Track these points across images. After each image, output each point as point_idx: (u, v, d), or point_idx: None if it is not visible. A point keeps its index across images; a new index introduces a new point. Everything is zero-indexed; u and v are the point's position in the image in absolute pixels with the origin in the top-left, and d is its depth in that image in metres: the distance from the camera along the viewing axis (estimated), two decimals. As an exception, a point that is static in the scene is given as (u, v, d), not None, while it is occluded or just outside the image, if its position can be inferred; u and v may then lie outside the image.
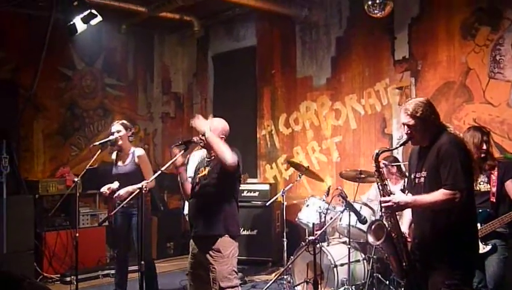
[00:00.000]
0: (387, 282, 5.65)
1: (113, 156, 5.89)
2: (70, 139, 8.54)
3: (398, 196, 3.41)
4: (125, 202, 4.77)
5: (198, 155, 6.09)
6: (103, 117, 8.93)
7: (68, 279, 6.74)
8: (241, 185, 4.51)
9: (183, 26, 9.20)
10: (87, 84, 8.79)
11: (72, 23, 5.92)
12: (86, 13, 5.81)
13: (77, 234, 5.43)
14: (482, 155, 4.41)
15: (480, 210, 4.24)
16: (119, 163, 5.80)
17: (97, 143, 5.80)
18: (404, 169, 6.18)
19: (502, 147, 5.81)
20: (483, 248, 4.28)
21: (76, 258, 5.45)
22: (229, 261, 4.19)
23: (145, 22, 8.60)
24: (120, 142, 5.72)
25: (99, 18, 5.89)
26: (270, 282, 3.79)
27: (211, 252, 4.13)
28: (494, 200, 4.41)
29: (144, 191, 4.16)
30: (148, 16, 8.12)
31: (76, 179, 5.63)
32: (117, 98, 9.21)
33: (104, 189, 5.63)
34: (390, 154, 6.09)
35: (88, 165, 5.72)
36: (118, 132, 5.73)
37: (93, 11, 5.83)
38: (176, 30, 9.75)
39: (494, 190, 4.41)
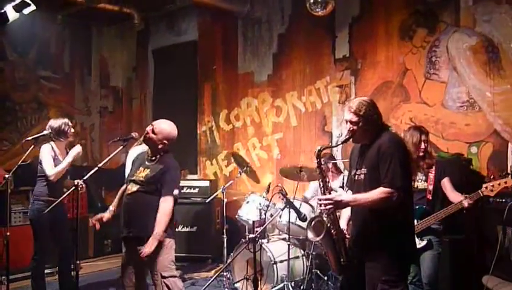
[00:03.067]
0: (326, 278, 5.73)
1: (49, 147, 5.48)
2: (2, 133, 8.19)
3: (339, 194, 3.44)
4: (62, 197, 4.62)
5: (137, 151, 5.93)
6: (37, 111, 8.62)
7: (-2, 279, 6.45)
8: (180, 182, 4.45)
9: (123, 18, 9.00)
10: (20, 76, 8.45)
11: (3, 11, 5.65)
12: (18, 1, 5.56)
13: (8, 233, 5.20)
14: (421, 154, 4.54)
15: (417, 207, 4.36)
16: (60, 157, 5.57)
17: (30, 138, 5.56)
18: (342, 166, 6.29)
19: (436, 146, 5.98)
20: (418, 243, 4.39)
21: (7, 257, 5.21)
22: (169, 252, 4.20)
23: (83, 12, 8.34)
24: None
25: (32, 7, 5.65)
26: (211, 279, 3.74)
27: None
28: (431, 198, 4.55)
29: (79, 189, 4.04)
30: (86, 6, 7.86)
31: (7, 175, 5.39)
32: (52, 91, 8.91)
33: None
34: (327, 152, 6.16)
35: (20, 161, 5.48)
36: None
37: (27, -1, 5.59)
38: (115, 22, 9.53)
39: (430, 187, 4.54)
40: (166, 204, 4.12)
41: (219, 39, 8.42)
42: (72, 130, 5.66)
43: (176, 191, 4.19)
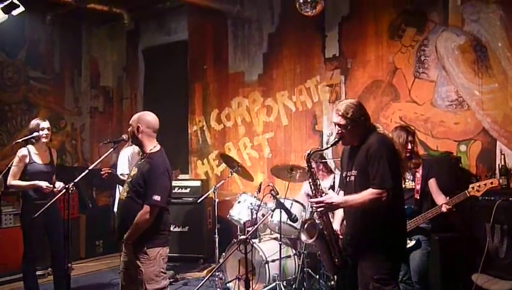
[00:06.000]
0: (317, 276, 5.75)
1: (24, 151, 5.42)
2: (-9, 134, 8.14)
3: (331, 196, 3.46)
4: (52, 201, 4.60)
5: (128, 152, 5.95)
6: (27, 111, 8.56)
7: (-11, 281, 6.42)
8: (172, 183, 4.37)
9: (113, 18, 8.96)
10: (9, 76, 8.40)
11: (-9, 13, 5.61)
12: (6, 3, 5.53)
13: (-1, 235, 5.19)
14: (407, 154, 4.56)
15: (405, 207, 4.39)
16: (38, 160, 5.51)
17: (20, 140, 5.54)
18: (333, 166, 6.32)
19: (426, 145, 6.03)
20: (408, 243, 4.43)
21: (-2, 260, 5.21)
22: (156, 263, 4.08)
23: (72, 13, 8.30)
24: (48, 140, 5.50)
25: (21, 8, 5.61)
26: (204, 280, 3.74)
27: (138, 255, 4.05)
28: (418, 197, 4.58)
29: (70, 191, 4.03)
30: (75, 6, 7.81)
31: (-3, 177, 5.37)
32: (42, 92, 8.86)
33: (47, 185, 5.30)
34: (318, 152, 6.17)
35: (11, 163, 5.45)
36: (49, 129, 5.52)
37: (15, 0, 5.54)
38: (105, 22, 9.49)
39: (418, 187, 4.58)
40: (142, 213, 3.93)
41: (209, 39, 8.41)
42: (45, 132, 5.53)
43: (156, 197, 3.92)
